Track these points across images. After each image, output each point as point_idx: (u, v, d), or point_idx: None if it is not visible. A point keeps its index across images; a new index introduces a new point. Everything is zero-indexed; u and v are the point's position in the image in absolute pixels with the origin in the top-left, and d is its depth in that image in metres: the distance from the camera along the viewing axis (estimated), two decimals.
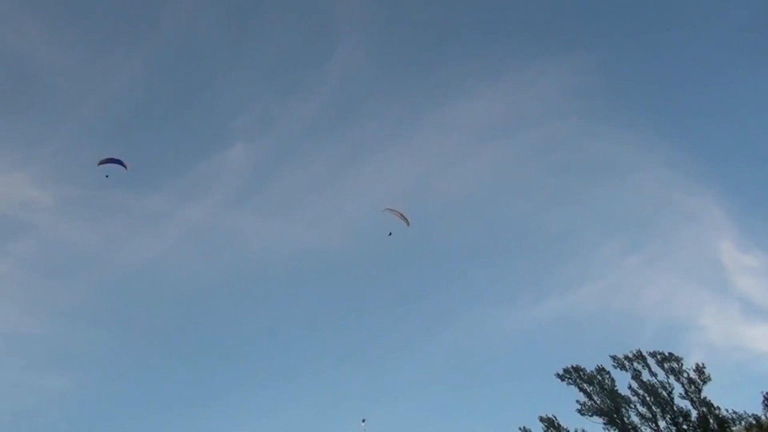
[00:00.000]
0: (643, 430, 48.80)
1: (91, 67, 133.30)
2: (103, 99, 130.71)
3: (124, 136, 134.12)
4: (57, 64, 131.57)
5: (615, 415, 49.15)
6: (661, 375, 49.67)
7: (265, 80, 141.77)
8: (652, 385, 49.31)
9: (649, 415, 48.78)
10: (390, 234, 52.94)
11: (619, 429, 48.94)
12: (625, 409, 49.34)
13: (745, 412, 47.54)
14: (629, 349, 51.55)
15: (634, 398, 49.46)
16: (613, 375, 50.91)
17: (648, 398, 49.07)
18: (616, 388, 50.12)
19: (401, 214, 51.56)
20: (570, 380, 51.27)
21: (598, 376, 50.70)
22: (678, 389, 49.14)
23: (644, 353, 50.34)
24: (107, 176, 47.85)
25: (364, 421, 63.44)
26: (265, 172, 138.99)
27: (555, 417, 50.69)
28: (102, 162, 47.33)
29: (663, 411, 48.68)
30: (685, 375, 49.14)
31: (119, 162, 47.49)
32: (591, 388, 50.53)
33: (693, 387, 48.73)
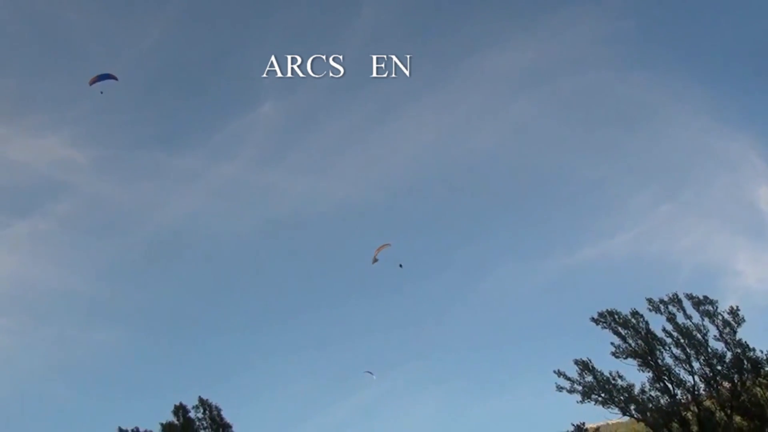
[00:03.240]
0: (677, 371, 49.78)
1: (121, 27, 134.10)
2: (133, 58, 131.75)
3: (154, 95, 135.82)
4: (87, 25, 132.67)
5: (649, 357, 49.93)
6: (696, 318, 50.01)
7: (293, 37, 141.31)
8: (687, 328, 49.73)
9: (683, 356, 49.47)
10: (401, 266, 53.31)
11: (653, 370, 49.84)
12: (660, 351, 50.05)
13: None
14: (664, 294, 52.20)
15: (669, 340, 50.00)
16: (647, 318, 51.35)
17: (682, 340, 49.58)
18: (651, 331, 50.79)
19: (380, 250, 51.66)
20: (605, 324, 51.93)
21: (633, 320, 51.24)
22: (713, 332, 49.58)
23: (680, 296, 50.75)
24: (102, 92, 47.28)
25: (370, 373, 66.16)
26: (297, 128, 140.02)
27: (590, 360, 51.70)
28: (93, 81, 46.78)
29: (697, 353, 49.30)
30: (720, 317, 49.52)
31: (110, 77, 46.68)
32: (625, 332, 51.17)
33: (728, 329, 49.15)
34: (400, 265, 53.06)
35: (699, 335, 49.62)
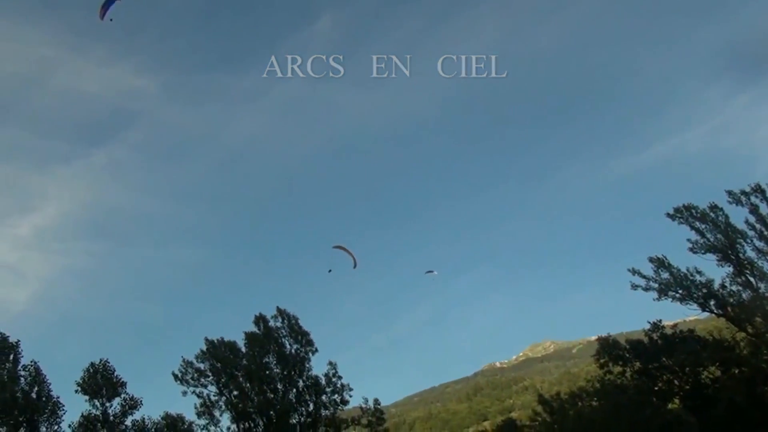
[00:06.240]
0: (760, 264, 47.62)
1: None
2: None
3: (213, 16, 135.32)
4: None
5: (729, 252, 47.88)
6: None
7: None
8: None
9: (766, 249, 47.22)
10: (330, 271, 54.21)
11: (734, 264, 47.92)
12: (741, 244, 47.87)
13: None
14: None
15: (751, 233, 47.63)
16: (726, 212, 49.00)
17: (766, 232, 47.22)
18: (731, 224, 48.49)
19: (350, 253, 51.61)
20: (681, 219, 49.85)
21: (711, 214, 48.99)
22: None
23: (762, 186, 47.92)
24: (111, 20, 45.67)
25: (432, 272, 67.60)
26: (353, 42, 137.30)
27: (665, 257, 50.18)
28: (101, 13, 45.06)
29: None
30: None
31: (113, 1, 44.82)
32: (704, 226, 49.04)
33: None
34: (329, 270, 54.27)
35: None
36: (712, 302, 48.41)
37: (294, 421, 49.75)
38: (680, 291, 48.88)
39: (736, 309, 47.88)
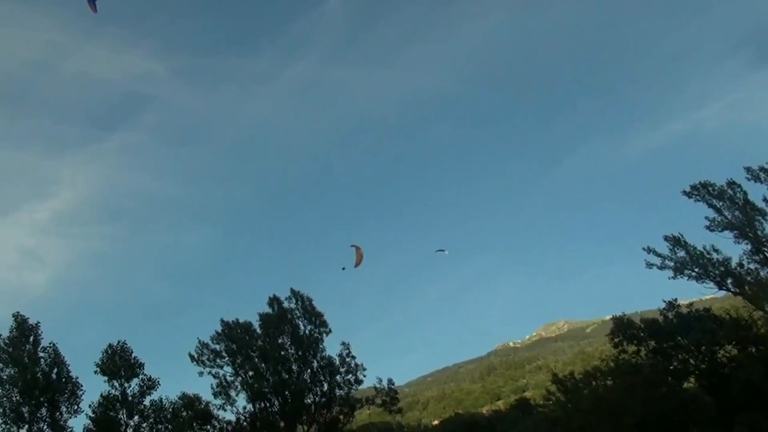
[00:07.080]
0: None
1: None
2: None
3: None
4: None
5: (747, 229, 47.21)
6: None
7: None
8: None
9: None
10: (343, 269, 52.22)
11: (751, 242, 47.27)
12: (759, 221, 47.19)
13: None
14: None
15: None
16: (745, 188, 48.22)
17: None
18: (749, 201, 47.77)
19: (358, 253, 50.86)
20: (698, 197, 49.12)
21: (729, 191, 48.23)
22: None
23: None
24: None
25: (443, 251, 67.69)
26: (364, 20, 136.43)
27: (681, 235, 49.61)
28: (92, 5, 45.05)
29: None
30: None
31: None
32: (721, 203, 48.34)
33: None
34: (343, 268, 52.54)
35: None
36: (729, 280, 47.85)
37: (309, 400, 50.23)
38: (696, 269, 48.36)
39: (754, 287, 47.28)
